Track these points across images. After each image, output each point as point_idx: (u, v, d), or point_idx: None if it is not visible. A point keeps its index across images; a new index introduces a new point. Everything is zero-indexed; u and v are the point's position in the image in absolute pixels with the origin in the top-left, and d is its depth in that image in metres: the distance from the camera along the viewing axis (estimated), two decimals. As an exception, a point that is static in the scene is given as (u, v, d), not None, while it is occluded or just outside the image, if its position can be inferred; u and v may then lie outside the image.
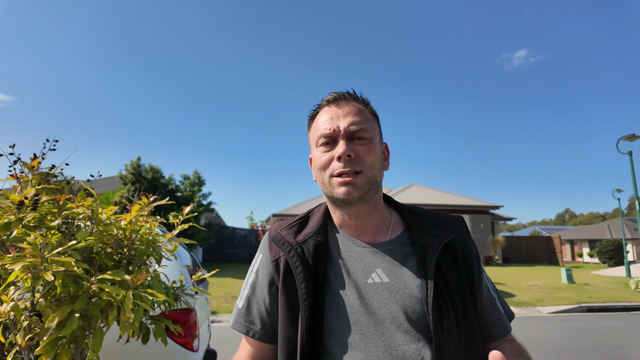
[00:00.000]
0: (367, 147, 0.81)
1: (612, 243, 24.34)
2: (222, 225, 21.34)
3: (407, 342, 0.74)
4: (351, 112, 0.83)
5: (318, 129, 0.84)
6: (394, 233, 0.86)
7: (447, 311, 0.75)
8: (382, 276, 0.80)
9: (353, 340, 0.75)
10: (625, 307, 9.44)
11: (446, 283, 0.78)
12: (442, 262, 0.80)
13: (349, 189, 0.78)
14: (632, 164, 12.78)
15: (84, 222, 1.21)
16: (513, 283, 13.16)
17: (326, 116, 0.84)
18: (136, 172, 13.62)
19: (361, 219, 0.85)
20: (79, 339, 1.08)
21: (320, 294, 0.78)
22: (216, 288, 10.56)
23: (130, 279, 1.06)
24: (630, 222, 34.61)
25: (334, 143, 0.82)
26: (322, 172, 0.82)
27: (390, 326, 0.75)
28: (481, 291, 0.85)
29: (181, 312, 2.28)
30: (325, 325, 0.77)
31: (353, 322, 0.76)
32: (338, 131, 0.81)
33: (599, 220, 76.69)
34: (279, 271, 0.83)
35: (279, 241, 0.85)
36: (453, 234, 0.84)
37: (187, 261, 3.15)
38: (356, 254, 0.83)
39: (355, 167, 0.78)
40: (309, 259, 0.81)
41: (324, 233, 0.86)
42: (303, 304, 0.77)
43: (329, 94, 0.87)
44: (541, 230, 50.63)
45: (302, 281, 0.78)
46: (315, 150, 0.85)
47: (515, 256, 24.13)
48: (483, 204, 22.99)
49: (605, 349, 5.63)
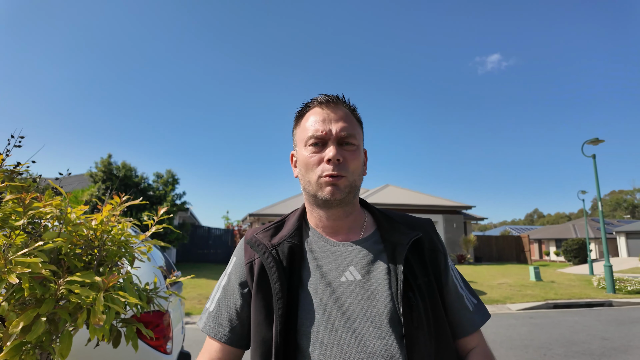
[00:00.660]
0: (353, 154, 0.85)
1: (576, 242, 25.46)
2: (197, 225, 20.96)
3: (377, 338, 0.76)
4: (342, 117, 0.86)
5: (308, 129, 0.86)
6: (366, 232, 0.90)
7: (416, 304, 0.78)
8: (354, 274, 0.83)
9: (325, 337, 0.77)
10: (588, 303, 9.90)
11: (415, 278, 0.81)
12: (411, 259, 0.83)
13: (333, 189, 0.81)
14: (595, 167, 13.38)
15: (52, 222, 1.16)
16: (484, 281, 13.55)
17: (318, 117, 0.86)
18: (107, 170, 13.17)
19: (338, 221, 0.88)
20: (45, 343, 1.03)
21: (294, 294, 0.80)
22: (190, 289, 10.36)
23: (101, 280, 1.03)
24: (594, 222, 36.32)
25: (324, 145, 0.84)
26: (309, 172, 0.85)
27: (362, 322, 0.77)
28: (447, 288, 0.88)
29: (154, 314, 2.23)
30: (298, 324, 0.79)
31: (325, 320, 0.78)
32: (330, 134, 0.83)
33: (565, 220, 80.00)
34: (252, 273, 0.85)
35: (254, 244, 0.87)
36: (422, 233, 0.88)
37: (161, 262, 3.08)
38: (330, 253, 0.86)
39: (341, 171, 0.82)
40: (283, 260, 0.83)
41: (299, 235, 0.89)
42: (277, 303, 0.78)
43: (319, 94, 0.89)
44: (511, 230, 52.37)
45: (276, 281, 0.80)
46: (303, 149, 0.87)
47: (486, 255, 24.86)
48: (456, 204, 23.55)
49: (569, 344, 5.89)
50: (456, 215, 23.30)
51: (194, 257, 19.45)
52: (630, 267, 21.78)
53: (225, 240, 20.48)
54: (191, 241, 18.85)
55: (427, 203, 22.93)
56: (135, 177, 13.86)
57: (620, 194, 77.44)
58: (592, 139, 13.37)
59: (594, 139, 13.35)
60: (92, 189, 12.69)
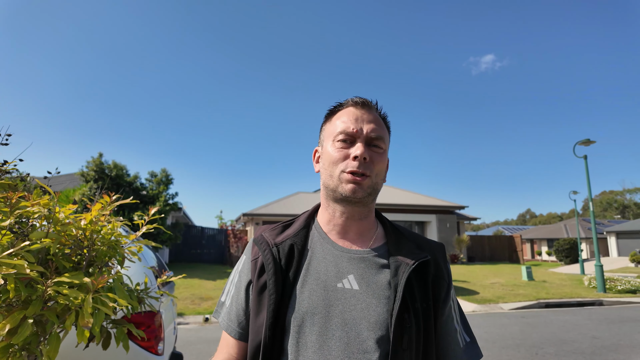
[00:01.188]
0: (380, 156, 0.86)
1: (568, 242, 25.72)
2: (190, 224, 20.84)
3: (361, 352, 0.75)
4: (374, 120, 0.87)
5: (339, 125, 0.87)
6: (375, 243, 0.89)
7: (410, 326, 0.76)
8: (352, 283, 0.81)
9: (310, 340, 0.77)
10: (579, 303, 10.00)
11: (414, 301, 0.79)
12: (414, 280, 0.81)
13: (355, 187, 0.82)
14: (587, 167, 13.53)
15: (40, 222, 1.14)
16: (477, 281, 13.64)
17: (351, 116, 0.87)
18: (99, 169, 13.03)
19: (350, 220, 0.88)
20: (32, 346, 1.01)
21: (287, 292, 0.81)
22: (183, 289, 10.29)
23: (90, 281, 1.01)
24: (585, 222, 36.72)
25: (352, 143, 0.85)
26: (333, 165, 0.85)
27: (350, 332, 0.76)
28: (444, 318, 0.87)
29: (145, 314, 2.21)
30: (286, 322, 0.79)
31: (312, 323, 0.78)
32: (360, 133, 0.84)
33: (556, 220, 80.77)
34: (255, 269, 0.87)
35: (259, 241, 0.89)
36: (430, 256, 0.86)
37: (152, 262, 3.05)
38: (332, 257, 0.85)
39: (366, 170, 0.82)
40: (282, 258, 0.84)
41: (303, 235, 0.90)
42: (269, 299, 0.79)
43: (355, 96, 0.90)
44: (504, 230, 52.76)
45: (271, 277, 0.81)
46: (331, 144, 0.87)
47: (479, 255, 25.02)
48: (449, 204, 23.68)
49: (560, 343, 5.94)
50: (449, 215, 23.42)
51: (187, 257, 19.32)
52: (621, 267, 22.06)
53: (218, 240, 20.37)
54: (184, 241, 18.72)
55: (420, 203, 23.03)
56: (127, 176, 13.74)
57: (611, 195, 78.40)
58: (584, 140, 13.52)
59: (585, 140, 13.49)
60: (83, 188, 12.55)
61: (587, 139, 13.47)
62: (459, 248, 22.41)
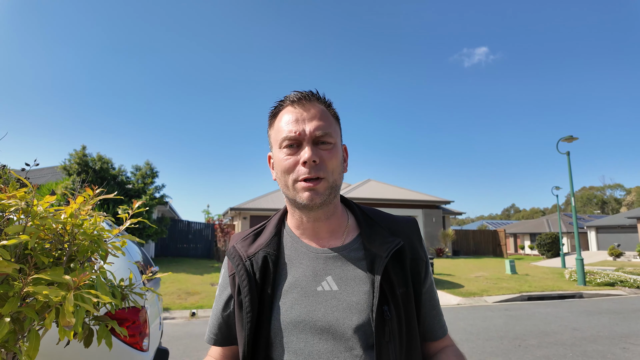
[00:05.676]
0: (330, 152, 0.81)
1: (550, 236, 26.32)
2: (177, 219, 20.61)
3: (348, 349, 0.76)
4: (316, 115, 0.82)
5: (281, 130, 0.82)
6: (348, 237, 0.88)
7: (390, 318, 0.77)
8: (331, 284, 0.82)
9: (298, 348, 0.78)
10: (560, 295, 10.26)
11: (392, 289, 0.80)
12: (391, 269, 0.81)
13: (311, 195, 0.79)
14: (569, 163, 13.81)
15: (17, 216, 1.10)
16: (462, 274, 13.86)
17: (290, 117, 0.82)
18: (82, 162, 12.74)
19: (318, 222, 0.86)
20: (10, 344, 0.98)
21: (266, 306, 0.81)
22: (169, 284, 10.19)
23: (70, 279, 0.97)
24: (567, 217, 37.62)
25: (298, 146, 0.81)
26: (285, 175, 0.82)
27: (335, 333, 0.77)
28: (426, 295, 0.88)
29: (130, 310, 2.17)
30: (272, 335, 0.80)
31: (299, 331, 0.79)
32: (304, 135, 0.80)
33: (539, 215, 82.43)
34: (234, 285, 0.86)
35: (232, 256, 0.88)
36: (404, 240, 0.85)
37: (137, 257, 2.99)
38: (308, 261, 0.85)
39: (319, 172, 0.79)
40: (256, 272, 0.83)
41: (276, 242, 0.88)
42: (246, 317, 0.79)
43: (292, 92, 0.85)
44: (488, 225, 53.63)
45: (247, 294, 0.81)
46: (278, 151, 0.84)
47: (463, 248, 25.41)
48: (435, 199, 23.94)
49: (542, 335, 6.09)
50: (435, 210, 23.70)
51: (174, 251, 19.14)
52: (600, 260, 22.70)
53: (205, 235, 20.21)
54: (170, 236, 18.54)
55: (407, 198, 23.23)
56: (112, 169, 13.48)
57: (591, 190, 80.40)
58: (567, 137, 13.79)
59: (568, 137, 13.76)
60: (66, 181, 12.26)
61: (569, 136, 13.74)
62: (445, 242, 22.72)
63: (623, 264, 19.90)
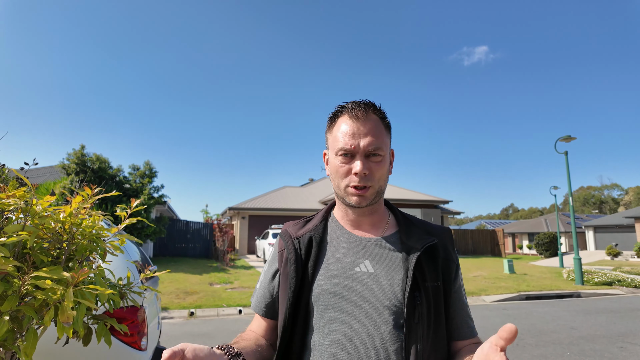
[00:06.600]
0: (379, 165, 0.92)
1: (548, 236, 26.37)
2: (175, 218, 20.58)
3: (379, 324, 0.85)
4: (371, 131, 0.91)
5: (338, 140, 0.93)
6: (387, 231, 0.98)
7: (420, 303, 0.86)
8: (368, 267, 0.91)
9: (333, 316, 0.87)
10: (558, 295, 10.29)
11: (424, 280, 0.89)
12: (424, 262, 0.91)
13: (359, 199, 0.91)
14: (567, 163, 13.84)
15: (16, 215, 1.10)
16: (460, 274, 13.86)
17: (347, 129, 0.92)
18: (80, 162, 12.70)
19: (362, 217, 0.98)
20: (8, 342, 0.98)
21: (308, 277, 0.92)
22: (167, 284, 10.18)
23: (69, 276, 0.98)
24: (565, 217, 37.68)
25: (352, 157, 0.91)
26: (339, 179, 0.93)
27: (368, 308, 0.86)
28: (455, 295, 0.96)
29: (128, 310, 2.17)
30: (311, 302, 0.90)
31: (335, 302, 0.88)
32: (358, 149, 0.90)
33: (537, 214, 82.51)
34: (282, 260, 0.98)
35: (283, 235, 1.01)
36: (438, 240, 0.95)
37: (136, 256, 2.99)
38: (349, 245, 0.96)
39: (367, 182, 0.90)
40: (302, 248, 0.95)
41: (322, 228, 1.01)
42: (290, 282, 0.91)
43: (351, 101, 0.95)
44: (486, 224, 53.71)
45: (292, 264, 0.92)
46: (334, 157, 0.95)
47: (462, 248, 25.44)
48: (434, 198, 23.97)
49: (540, 334, 6.10)
50: (433, 210, 23.73)
51: (172, 251, 19.11)
52: (598, 260, 22.76)
53: (204, 235, 20.17)
54: (169, 235, 18.50)
55: (406, 197, 23.25)
56: (110, 169, 13.45)
57: (589, 190, 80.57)
58: (565, 137, 13.81)
59: (567, 136, 13.78)
60: (64, 181, 12.24)
61: (567, 136, 13.76)
62: (443, 242, 22.68)
63: (620, 263, 19.96)
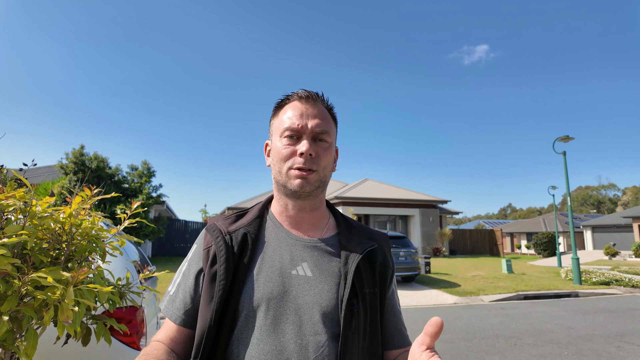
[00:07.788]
0: (326, 150, 0.88)
1: (546, 236, 26.47)
2: (174, 218, 20.57)
3: (314, 333, 0.80)
4: (319, 114, 0.89)
5: (285, 121, 0.88)
6: (327, 233, 0.94)
7: (357, 311, 0.83)
8: (306, 270, 0.86)
9: (264, 325, 0.80)
10: (556, 294, 10.32)
11: (362, 287, 0.86)
12: (362, 268, 0.88)
13: (302, 182, 0.85)
14: (565, 163, 13.88)
15: (15, 215, 1.10)
16: (458, 273, 13.91)
17: (296, 111, 0.88)
18: (79, 162, 12.70)
19: (302, 212, 0.91)
20: (8, 342, 0.98)
21: (240, 280, 0.83)
22: (166, 284, 10.18)
23: (69, 276, 0.98)
24: (563, 217, 37.77)
25: (298, 139, 0.87)
26: (281, 162, 0.87)
27: (303, 316, 0.81)
28: (389, 302, 0.94)
29: (127, 310, 2.17)
30: (239, 307, 0.81)
31: (268, 308, 0.81)
32: (305, 129, 0.86)
33: (535, 214, 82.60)
34: (207, 258, 0.87)
35: (212, 230, 0.90)
36: (377, 245, 0.92)
37: (134, 256, 2.99)
38: (287, 245, 0.89)
39: (312, 165, 0.85)
40: (234, 245, 0.86)
41: (257, 224, 0.92)
42: (219, 285, 0.80)
43: (300, 89, 0.92)
44: (485, 224, 53.72)
45: (223, 263, 0.82)
46: (278, 140, 0.89)
47: (460, 248, 25.51)
48: (432, 198, 24.00)
49: (538, 333, 6.12)
50: (432, 209, 23.76)
51: (171, 251, 19.11)
52: (595, 260, 22.84)
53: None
54: (167, 235, 18.50)
55: (404, 197, 23.27)
56: (109, 168, 13.44)
57: (587, 190, 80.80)
58: (563, 137, 13.85)
59: (565, 136, 13.82)
60: (62, 180, 12.21)
61: (566, 136, 13.80)
62: (441, 241, 22.78)
63: (618, 263, 20.04)
